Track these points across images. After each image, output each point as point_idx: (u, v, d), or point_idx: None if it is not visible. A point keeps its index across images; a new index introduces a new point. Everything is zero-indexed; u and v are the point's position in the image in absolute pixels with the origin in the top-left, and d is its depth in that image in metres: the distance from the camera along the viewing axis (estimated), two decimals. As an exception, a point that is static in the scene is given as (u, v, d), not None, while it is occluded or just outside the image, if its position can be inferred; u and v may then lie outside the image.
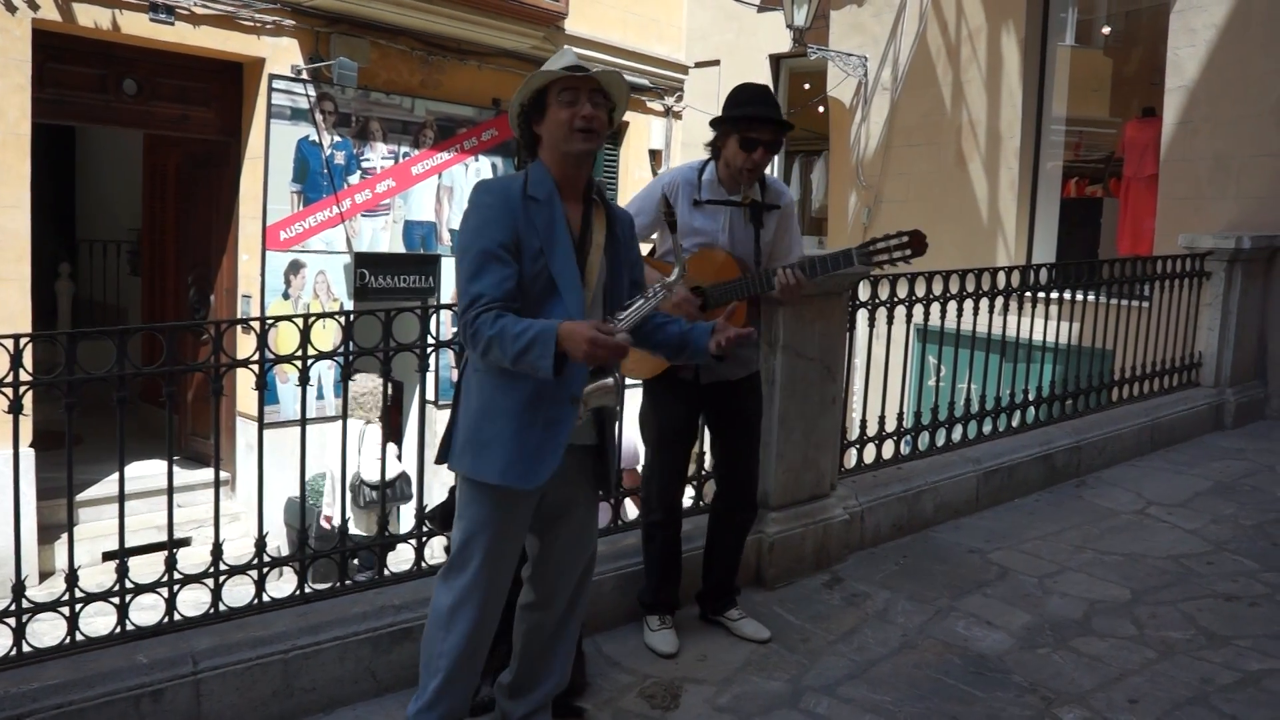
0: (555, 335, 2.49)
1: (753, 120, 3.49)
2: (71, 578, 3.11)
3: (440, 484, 4.85)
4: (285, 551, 5.84)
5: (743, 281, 3.48)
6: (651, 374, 3.63)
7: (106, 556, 8.12)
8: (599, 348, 2.48)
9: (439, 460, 2.84)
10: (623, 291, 2.86)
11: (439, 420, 10.25)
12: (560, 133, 2.74)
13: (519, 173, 2.82)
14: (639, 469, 4.56)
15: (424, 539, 3.65)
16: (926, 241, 3.32)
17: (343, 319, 3.48)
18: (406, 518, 6.69)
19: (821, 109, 11.52)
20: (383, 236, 10.28)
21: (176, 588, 3.25)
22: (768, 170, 3.68)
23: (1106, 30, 10.66)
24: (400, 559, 3.78)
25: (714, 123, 3.63)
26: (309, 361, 3.38)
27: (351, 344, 3.46)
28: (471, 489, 2.77)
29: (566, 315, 2.65)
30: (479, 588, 2.77)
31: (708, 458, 4.12)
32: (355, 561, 4.45)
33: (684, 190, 3.62)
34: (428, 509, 3.65)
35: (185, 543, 8.32)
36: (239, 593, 3.36)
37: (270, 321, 3.40)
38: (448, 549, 3.44)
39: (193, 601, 3.31)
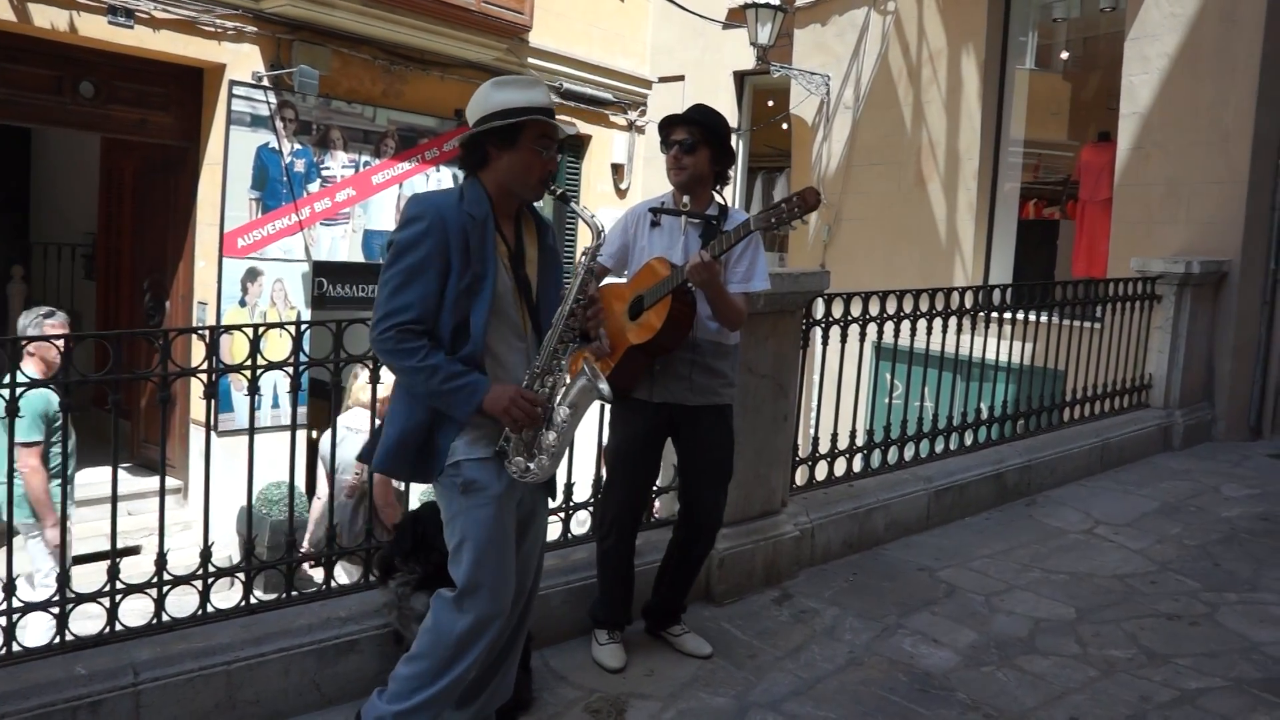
0: (483, 391, 2.69)
1: (667, 125, 3.68)
2: (9, 587, 3.07)
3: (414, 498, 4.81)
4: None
5: (666, 279, 3.49)
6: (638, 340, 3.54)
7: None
8: (518, 409, 2.70)
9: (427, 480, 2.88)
10: (555, 299, 2.92)
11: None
12: (524, 176, 2.81)
13: (454, 188, 2.85)
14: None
15: (372, 551, 3.63)
16: (819, 197, 3.35)
17: (293, 330, 3.46)
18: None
19: (785, 126, 11.61)
20: (342, 245, 10.22)
21: (119, 597, 3.21)
22: (729, 198, 3.73)
23: (1065, 55, 10.83)
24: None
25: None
26: (259, 371, 3.37)
27: (302, 354, 3.45)
28: (468, 502, 2.78)
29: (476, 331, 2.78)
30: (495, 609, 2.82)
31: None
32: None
33: (643, 217, 3.73)
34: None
35: (135, 551, 8.19)
36: (186, 603, 3.32)
37: (221, 330, 3.38)
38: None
39: (139, 611, 3.28)
